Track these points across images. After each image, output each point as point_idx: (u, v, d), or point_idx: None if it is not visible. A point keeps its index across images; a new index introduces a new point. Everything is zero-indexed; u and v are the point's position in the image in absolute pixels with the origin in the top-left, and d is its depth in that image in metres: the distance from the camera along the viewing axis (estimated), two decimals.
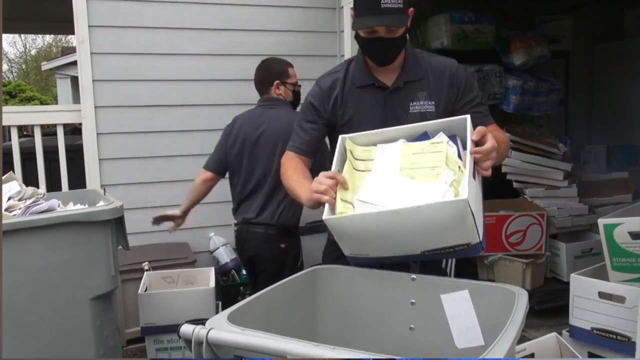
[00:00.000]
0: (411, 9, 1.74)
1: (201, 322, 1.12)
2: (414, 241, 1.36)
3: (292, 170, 1.76)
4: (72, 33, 3.32)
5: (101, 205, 2.19)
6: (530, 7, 3.97)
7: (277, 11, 3.66)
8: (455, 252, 1.39)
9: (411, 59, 1.78)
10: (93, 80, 3.28)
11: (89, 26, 3.24)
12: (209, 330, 1.04)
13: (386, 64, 1.75)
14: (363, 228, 1.34)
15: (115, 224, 2.10)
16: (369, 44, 1.71)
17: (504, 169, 3.52)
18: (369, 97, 1.78)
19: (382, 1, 1.60)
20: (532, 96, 3.67)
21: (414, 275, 1.45)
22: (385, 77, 1.78)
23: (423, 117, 1.77)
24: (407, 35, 1.76)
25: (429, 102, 1.80)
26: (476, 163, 1.41)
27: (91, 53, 3.26)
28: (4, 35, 19.25)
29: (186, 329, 1.05)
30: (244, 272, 3.52)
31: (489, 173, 1.44)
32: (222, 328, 1.07)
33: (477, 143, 1.43)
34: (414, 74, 1.78)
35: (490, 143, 1.42)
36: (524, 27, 3.72)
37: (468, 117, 1.47)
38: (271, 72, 2.79)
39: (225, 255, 3.53)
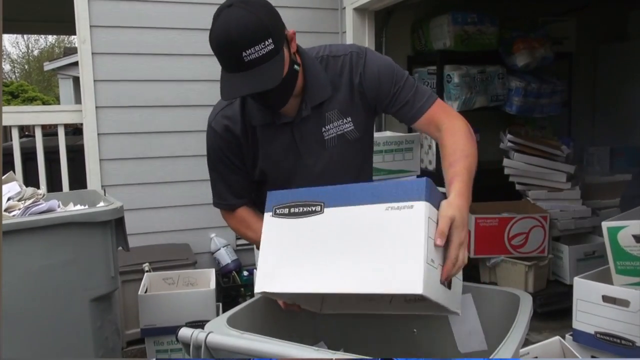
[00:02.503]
0: (291, 30, 1.46)
1: (201, 324, 1.11)
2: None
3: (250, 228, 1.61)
4: (74, 33, 3.30)
5: (101, 205, 2.17)
6: (533, 8, 3.95)
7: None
8: None
9: (311, 79, 1.48)
10: (94, 81, 3.26)
11: (91, 26, 3.23)
12: (208, 334, 1.02)
13: (282, 107, 1.46)
14: None
15: (115, 224, 2.09)
16: (253, 99, 1.46)
17: (506, 171, 3.51)
18: (274, 135, 1.51)
19: (244, 54, 1.31)
20: (535, 98, 3.66)
21: None
22: (287, 108, 1.47)
23: (342, 138, 1.54)
24: (296, 56, 1.47)
25: (344, 120, 1.53)
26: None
27: (92, 53, 3.25)
28: (6, 36, 19.29)
29: (184, 332, 1.03)
30: (245, 273, 3.51)
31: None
32: (221, 332, 1.06)
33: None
34: (319, 95, 1.49)
35: (456, 253, 1.13)
36: (526, 28, 3.71)
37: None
38: None
39: (227, 256, 3.52)
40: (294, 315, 1.43)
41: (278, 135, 1.52)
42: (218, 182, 1.64)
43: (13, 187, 2.26)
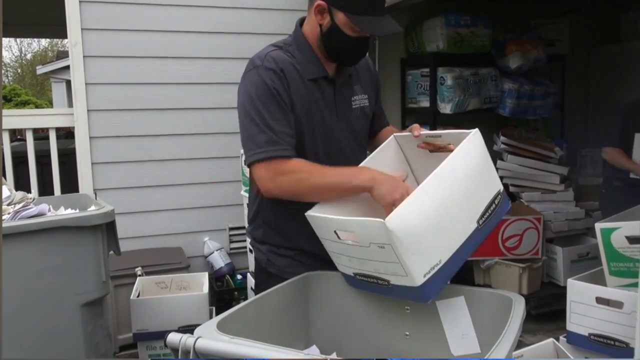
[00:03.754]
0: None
1: (192, 329, 1.09)
2: (362, 261, 1.30)
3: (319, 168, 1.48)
4: (67, 37, 3.28)
5: (92, 209, 2.15)
6: (526, 10, 3.96)
7: (270, 14, 3.64)
8: (389, 289, 1.27)
9: None
10: (86, 84, 3.25)
11: (82, 29, 3.21)
12: (197, 339, 1.01)
13: (360, 60, 1.64)
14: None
15: (106, 228, 2.07)
16: (358, 43, 1.54)
17: (499, 173, 3.50)
18: (319, 91, 1.58)
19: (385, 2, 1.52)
20: (528, 100, 3.66)
21: None
22: (330, 69, 1.61)
23: (363, 111, 1.69)
24: None
25: (364, 96, 1.70)
26: None
27: (84, 56, 3.23)
28: None
29: (173, 337, 1.02)
30: (238, 276, 3.49)
31: None
32: (210, 336, 1.04)
33: None
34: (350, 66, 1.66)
35: None
36: (519, 30, 3.71)
37: (476, 130, 1.38)
38: None
39: (220, 259, 3.50)
40: (286, 319, 1.41)
41: (323, 91, 1.59)
42: (270, 125, 1.47)
43: (2, 191, 2.23)
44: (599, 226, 2.13)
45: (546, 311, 3.20)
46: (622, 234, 2.06)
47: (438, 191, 1.24)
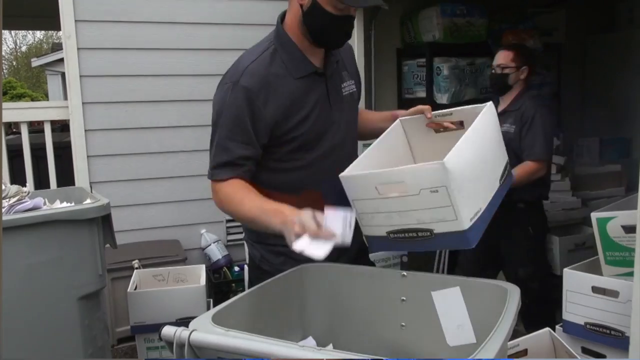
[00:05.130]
0: None
1: (189, 321, 1.09)
2: (404, 214, 1.34)
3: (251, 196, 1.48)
4: (60, 29, 3.26)
5: (87, 203, 2.15)
6: None
7: (268, 5, 3.61)
8: (429, 240, 1.31)
9: None
10: (80, 76, 3.22)
11: (76, 21, 3.18)
12: (191, 332, 1.01)
13: (344, 44, 1.60)
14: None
15: (102, 221, 2.07)
16: (342, 22, 1.50)
17: None
18: (311, 87, 1.56)
19: None
20: None
21: (404, 272, 1.42)
22: (317, 61, 1.58)
23: (352, 97, 1.69)
24: None
25: (350, 81, 1.69)
26: None
27: (78, 48, 3.20)
28: None
29: (168, 330, 1.02)
30: (235, 268, 3.50)
31: None
32: (205, 329, 1.04)
33: None
34: (336, 52, 1.62)
35: None
36: (515, 19, 3.70)
37: (490, 103, 1.52)
38: None
39: (217, 252, 3.50)
40: (282, 312, 1.42)
41: (314, 87, 1.56)
42: (226, 147, 1.50)
43: None
44: (594, 215, 2.13)
45: None
46: (618, 223, 2.07)
47: (475, 145, 1.36)
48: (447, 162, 1.22)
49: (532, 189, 2.76)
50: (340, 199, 1.38)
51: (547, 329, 1.97)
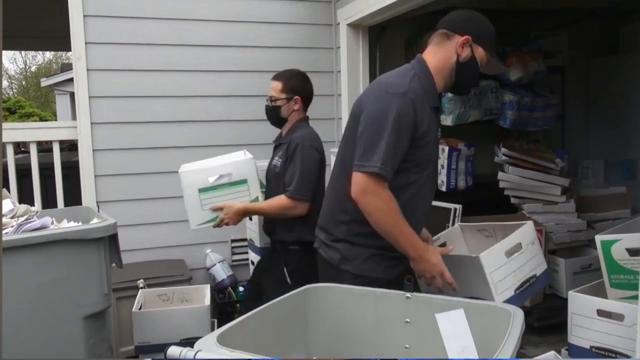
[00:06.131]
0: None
1: (194, 342, 1.10)
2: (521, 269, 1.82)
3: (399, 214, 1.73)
4: (70, 50, 3.32)
5: (94, 222, 2.17)
6: (525, 23, 3.99)
7: (275, 28, 3.68)
8: (535, 284, 1.82)
9: None
10: (89, 97, 3.28)
11: (86, 43, 3.25)
12: (197, 353, 1.01)
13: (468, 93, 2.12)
14: None
15: (109, 241, 2.08)
16: (478, 76, 1.90)
17: (501, 185, 3.51)
18: (433, 117, 1.85)
19: None
20: (529, 111, 3.67)
21: (408, 294, 1.43)
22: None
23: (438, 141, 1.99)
24: None
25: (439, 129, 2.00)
26: None
27: (87, 69, 3.26)
28: (4, 52, 19.33)
29: (173, 351, 1.02)
30: (240, 288, 3.50)
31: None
32: (210, 350, 1.05)
33: None
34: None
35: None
36: (519, 42, 3.73)
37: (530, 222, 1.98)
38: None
39: (222, 272, 3.51)
40: (286, 332, 1.42)
41: (434, 119, 1.85)
42: (392, 148, 1.69)
43: (6, 204, 2.25)
44: (599, 238, 2.13)
45: (549, 323, 3.19)
46: (622, 246, 2.06)
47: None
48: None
49: (290, 229, 2.50)
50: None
51: (553, 352, 1.96)
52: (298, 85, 2.63)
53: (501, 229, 1.99)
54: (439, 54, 1.85)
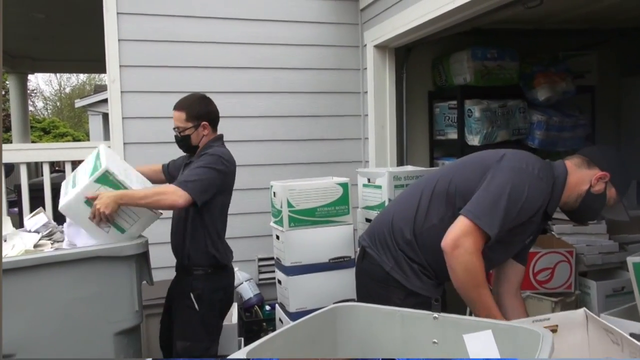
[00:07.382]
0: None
1: (222, 359, 1.12)
2: None
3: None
4: (104, 72, 3.44)
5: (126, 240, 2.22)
6: (554, 43, 3.97)
7: (303, 50, 3.74)
8: None
9: None
10: (123, 118, 3.37)
11: (120, 66, 3.36)
12: None
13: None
14: None
15: (140, 259, 2.13)
16: (600, 212, 1.98)
17: None
18: (540, 222, 1.93)
19: None
20: (557, 131, 3.64)
21: (436, 314, 1.42)
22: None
23: None
24: None
25: None
26: None
27: (121, 92, 3.36)
28: (40, 74, 19.97)
29: None
30: (267, 307, 3.51)
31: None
32: None
33: None
34: None
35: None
36: (547, 62, 3.72)
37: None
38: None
39: (249, 290, 3.53)
40: (314, 350, 1.43)
41: (539, 224, 1.95)
42: (507, 218, 1.75)
43: (41, 219, 2.33)
44: (630, 260, 2.10)
45: None
46: None
47: None
48: None
49: (204, 253, 2.57)
50: None
51: (584, 308, 1.90)
52: (201, 110, 2.59)
53: (629, 344, 1.62)
54: (575, 175, 1.89)
